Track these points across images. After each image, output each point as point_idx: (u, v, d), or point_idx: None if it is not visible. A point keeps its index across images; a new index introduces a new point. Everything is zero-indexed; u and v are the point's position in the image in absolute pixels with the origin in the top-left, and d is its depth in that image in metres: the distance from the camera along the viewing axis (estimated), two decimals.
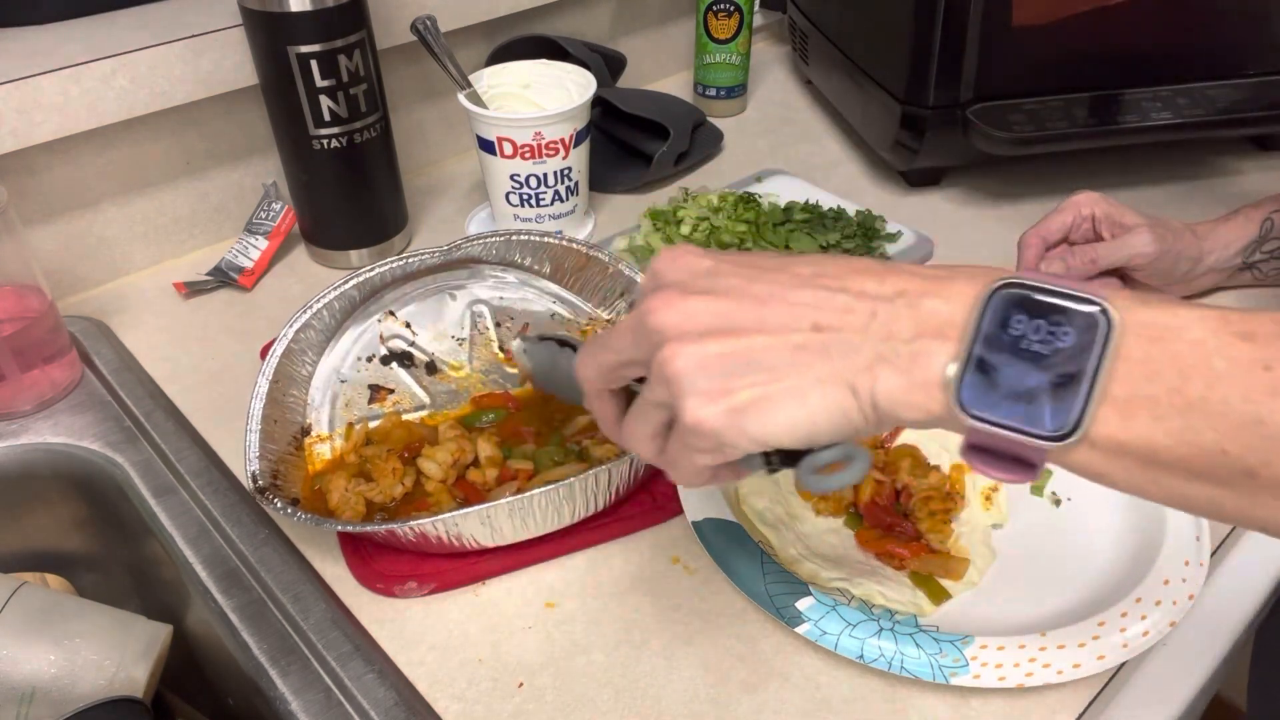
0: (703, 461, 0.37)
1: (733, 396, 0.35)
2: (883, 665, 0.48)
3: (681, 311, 0.36)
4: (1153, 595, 0.49)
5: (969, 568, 0.54)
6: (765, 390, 0.35)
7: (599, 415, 0.43)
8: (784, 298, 0.36)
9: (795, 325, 0.35)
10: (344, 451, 0.62)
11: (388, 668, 0.51)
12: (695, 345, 0.36)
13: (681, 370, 0.35)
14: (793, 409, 0.35)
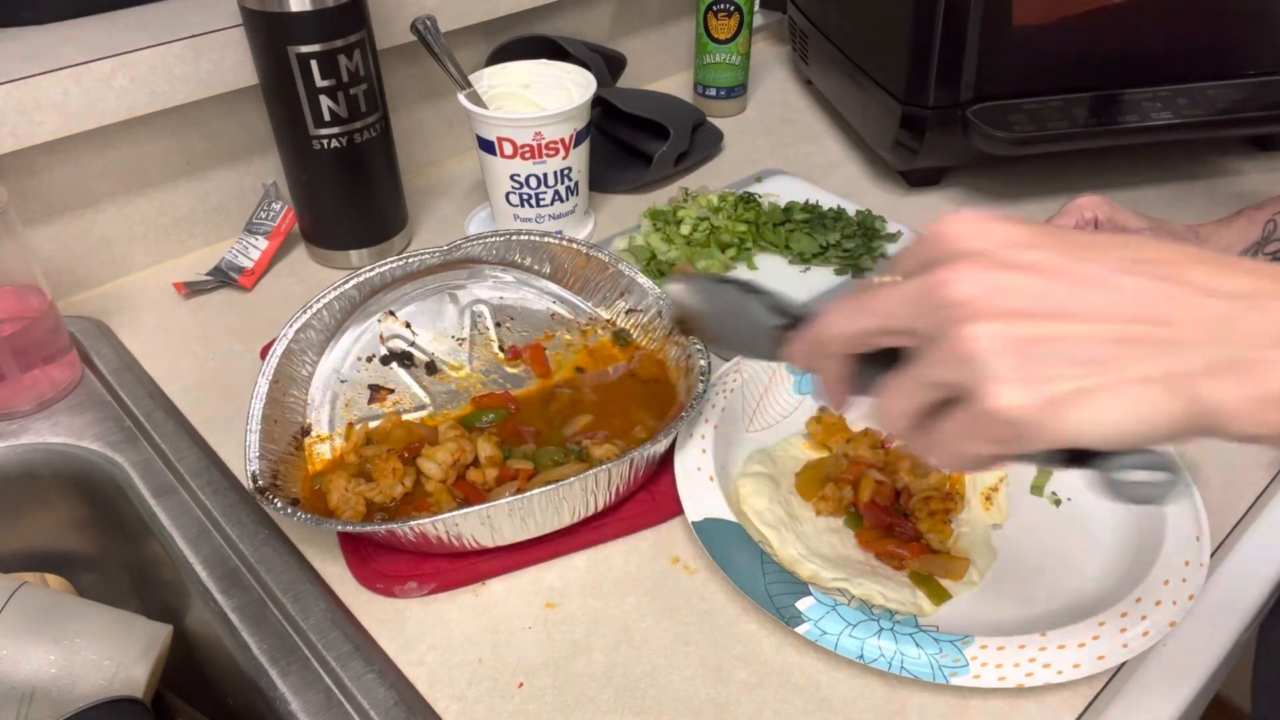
0: (986, 451, 0.34)
1: (1049, 385, 0.31)
2: (883, 665, 0.48)
3: (988, 284, 0.32)
4: (1153, 595, 0.49)
5: (969, 568, 0.54)
6: (1084, 383, 0.31)
7: (824, 375, 0.40)
8: (1109, 281, 0.32)
9: (1121, 314, 0.31)
10: (344, 451, 0.62)
11: (388, 668, 0.51)
12: (1003, 324, 0.32)
13: (986, 351, 0.31)
14: (1114, 407, 0.31)
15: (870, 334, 0.37)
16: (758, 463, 0.61)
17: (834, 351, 0.39)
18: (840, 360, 0.39)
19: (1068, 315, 0.32)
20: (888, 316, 0.36)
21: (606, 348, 0.70)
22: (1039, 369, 0.31)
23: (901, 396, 0.36)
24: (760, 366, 0.65)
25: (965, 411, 0.33)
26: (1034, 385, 0.31)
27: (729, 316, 0.48)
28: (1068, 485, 0.59)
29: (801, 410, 0.66)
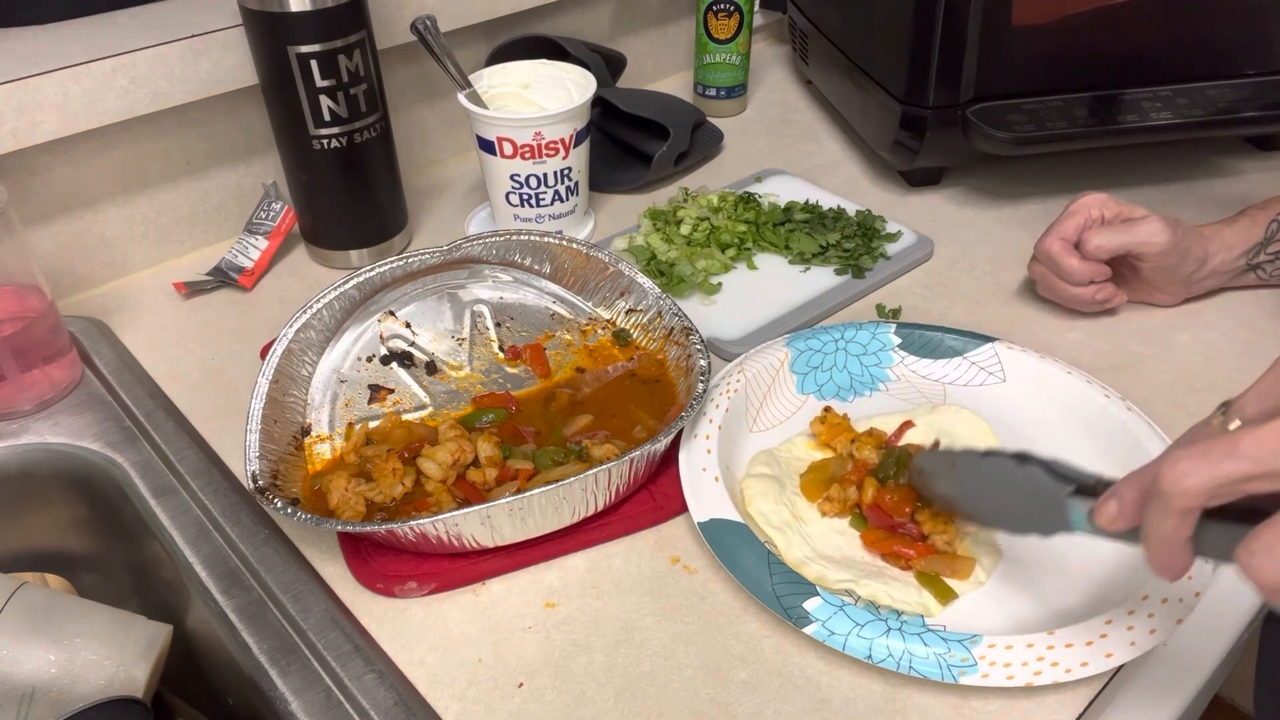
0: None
1: None
2: (891, 665, 0.48)
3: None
4: (1159, 593, 0.49)
5: (975, 567, 0.54)
6: None
7: (1167, 536, 0.37)
8: None
9: None
10: (344, 451, 0.62)
11: (388, 668, 0.51)
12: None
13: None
14: None
15: (1238, 481, 0.34)
16: (762, 464, 0.61)
17: (1184, 508, 0.36)
18: (1188, 520, 0.36)
19: None
20: (1263, 461, 0.33)
21: (606, 348, 0.70)
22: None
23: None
24: (763, 366, 0.65)
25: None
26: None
27: (998, 493, 0.46)
28: None
29: (805, 410, 0.66)
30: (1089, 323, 0.74)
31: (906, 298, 0.78)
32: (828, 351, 0.68)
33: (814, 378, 0.67)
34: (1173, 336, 0.73)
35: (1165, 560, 0.38)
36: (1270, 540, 0.33)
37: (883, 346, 0.69)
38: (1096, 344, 0.72)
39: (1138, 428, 0.59)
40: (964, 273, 0.81)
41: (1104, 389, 0.62)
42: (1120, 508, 0.40)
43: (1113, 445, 0.60)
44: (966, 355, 0.67)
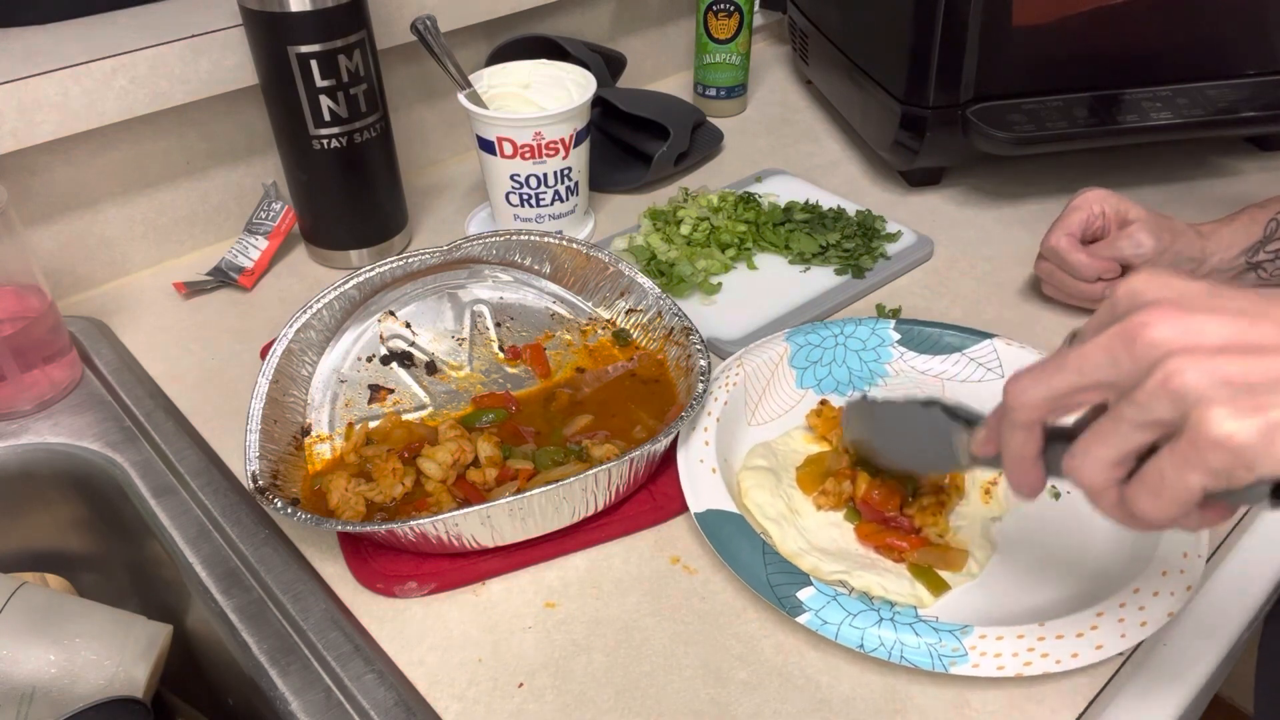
0: (1199, 485, 0.33)
1: (1269, 413, 0.31)
2: (883, 654, 0.48)
3: (1189, 326, 0.33)
4: (1151, 586, 0.49)
5: (968, 559, 0.54)
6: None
7: (1017, 451, 0.40)
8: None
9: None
10: (344, 451, 0.62)
11: (388, 668, 0.51)
12: (1209, 360, 0.32)
13: (1196, 383, 0.32)
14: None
15: (1068, 393, 0.36)
16: (759, 456, 0.61)
17: (1027, 420, 0.38)
18: (1032, 433, 0.39)
19: (1272, 350, 0.32)
20: (1085, 371, 0.35)
21: (606, 348, 0.70)
22: (1255, 398, 0.31)
23: (1102, 443, 0.35)
24: (762, 360, 0.65)
25: (1180, 443, 0.33)
26: (1254, 412, 0.31)
27: (907, 435, 0.49)
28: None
29: (803, 404, 0.66)
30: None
31: (906, 298, 0.78)
32: (827, 346, 0.68)
33: (813, 372, 0.67)
34: None
35: (1019, 476, 0.40)
36: (1088, 444, 0.36)
37: (882, 342, 0.69)
38: None
39: None
40: (964, 273, 0.81)
41: None
42: (987, 433, 0.43)
43: None
44: (965, 351, 0.67)
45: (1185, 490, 0.34)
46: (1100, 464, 0.36)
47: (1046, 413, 0.38)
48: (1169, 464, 0.34)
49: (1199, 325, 0.33)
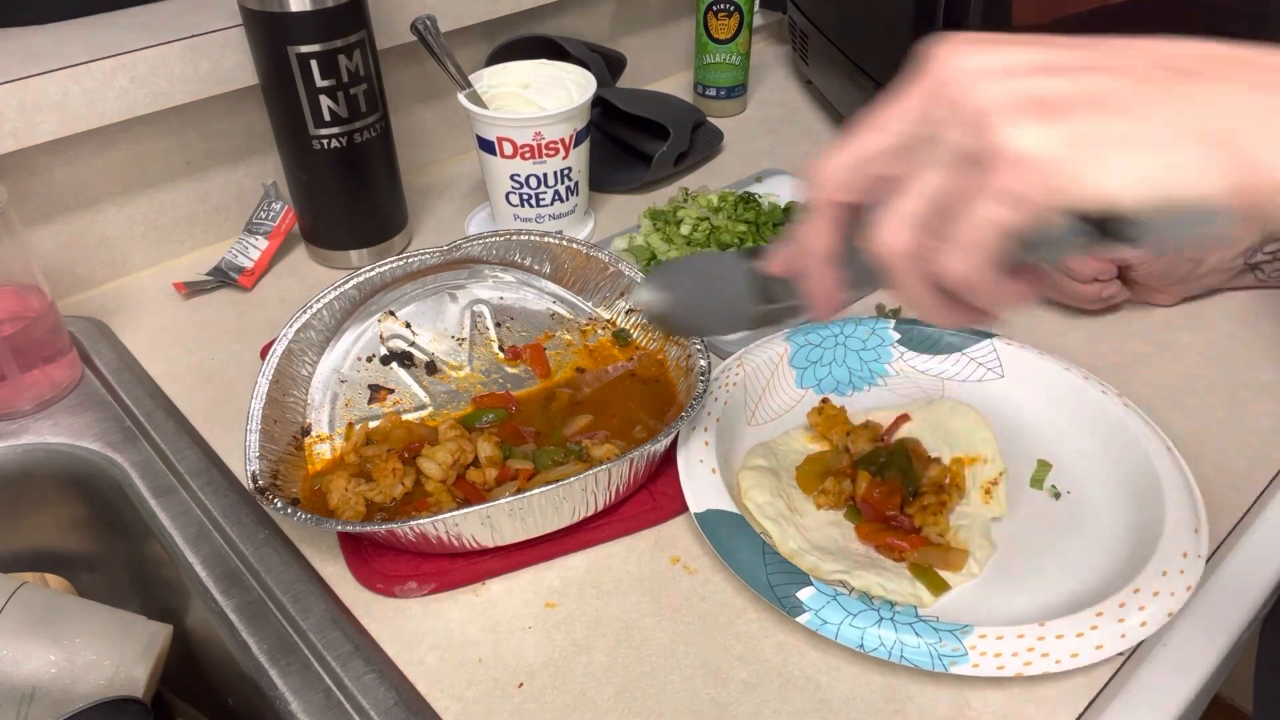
0: (1003, 220, 0.29)
1: (1073, 125, 0.28)
2: (882, 654, 0.48)
3: (986, 53, 0.30)
4: (1150, 586, 0.49)
5: (968, 559, 0.54)
6: (1110, 129, 0.28)
7: (809, 236, 0.36)
8: (1122, 46, 0.30)
9: (1144, 65, 0.29)
10: (344, 451, 0.62)
11: (388, 668, 0.51)
12: (1014, 82, 0.29)
13: (995, 99, 0.29)
14: (1147, 155, 0.27)
15: (870, 157, 0.33)
16: (759, 456, 0.61)
17: (823, 199, 0.35)
18: (825, 218, 0.35)
19: (1084, 68, 0.29)
20: (888, 128, 0.33)
21: (606, 348, 0.70)
22: (1061, 114, 0.28)
23: (907, 191, 0.32)
24: (762, 360, 0.65)
25: (983, 174, 0.29)
26: (1057, 126, 0.28)
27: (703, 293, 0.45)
28: (1067, 479, 0.60)
29: (803, 404, 0.66)
30: (1089, 323, 0.74)
31: None
32: (827, 346, 0.68)
33: (813, 372, 0.67)
34: (1173, 336, 0.73)
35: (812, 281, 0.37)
36: (889, 203, 0.33)
37: (882, 342, 0.69)
38: (1097, 344, 0.72)
39: (1134, 424, 0.59)
40: None
41: (1101, 385, 0.62)
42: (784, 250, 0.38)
43: (1110, 441, 0.60)
44: (965, 351, 0.68)
45: (990, 230, 0.30)
46: (900, 221, 0.32)
47: (846, 187, 0.34)
48: (970, 202, 0.30)
49: (999, 52, 0.30)
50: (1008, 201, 0.29)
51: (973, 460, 0.60)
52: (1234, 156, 0.27)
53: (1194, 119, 0.28)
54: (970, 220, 0.30)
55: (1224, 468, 0.61)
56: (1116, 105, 0.28)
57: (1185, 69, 0.29)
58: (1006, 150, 0.28)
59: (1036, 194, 0.29)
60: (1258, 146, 0.27)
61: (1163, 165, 0.28)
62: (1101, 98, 0.29)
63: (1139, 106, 0.28)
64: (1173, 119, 0.28)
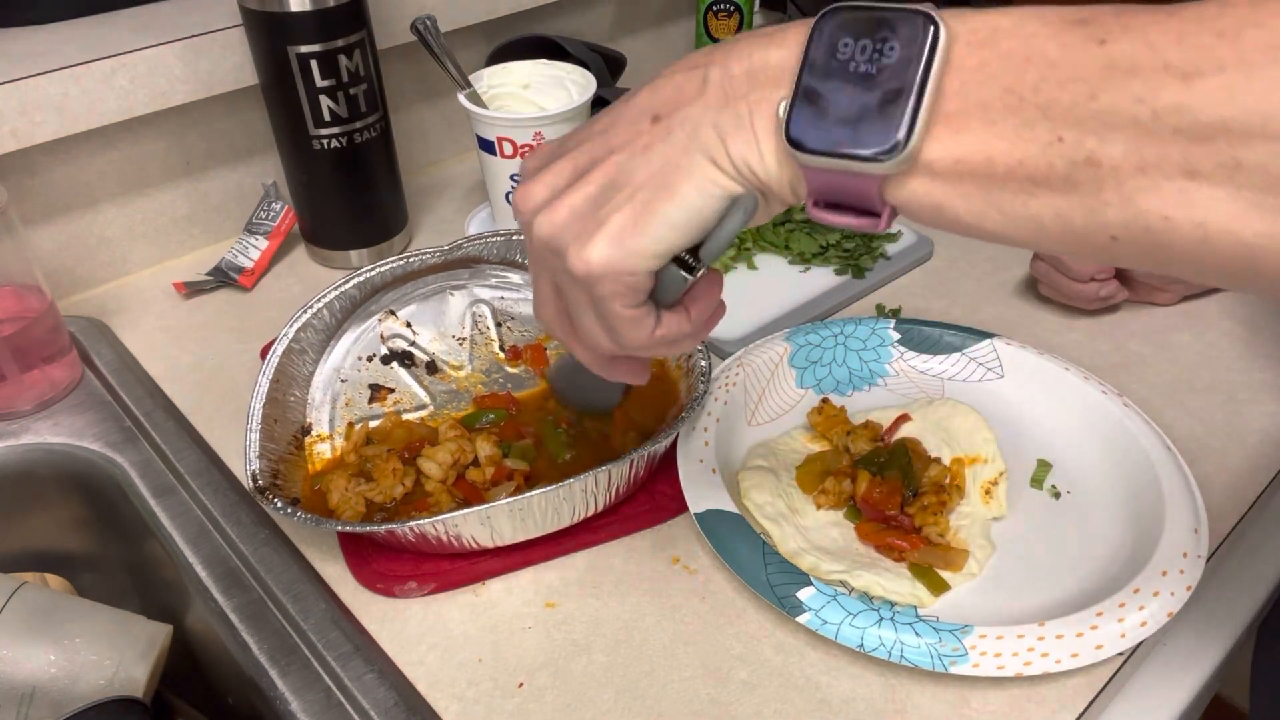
0: (623, 308, 0.36)
1: (607, 225, 0.34)
2: (882, 654, 0.48)
3: (537, 186, 0.36)
4: (1150, 586, 0.49)
5: (968, 559, 0.54)
6: (634, 202, 0.34)
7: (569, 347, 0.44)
8: (623, 113, 0.36)
9: (637, 129, 0.35)
10: (344, 451, 0.62)
11: (388, 668, 0.51)
12: (561, 203, 0.35)
13: (549, 230, 0.35)
14: (668, 206, 0.34)
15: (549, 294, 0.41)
16: (759, 456, 0.61)
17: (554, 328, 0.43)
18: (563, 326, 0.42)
19: (600, 160, 0.35)
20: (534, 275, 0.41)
21: None
22: (594, 217, 0.35)
23: (539, 304, 0.41)
24: (762, 360, 0.66)
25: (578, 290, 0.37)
26: (596, 232, 0.34)
27: (573, 382, 0.53)
28: (1067, 479, 0.60)
29: (803, 403, 0.66)
30: (1089, 322, 0.74)
31: (906, 298, 0.78)
32: (827, 346, 0.68)
33: (813, 372, 0.68)
34: (1173, 336, 0.73)
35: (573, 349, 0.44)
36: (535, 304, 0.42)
37: (882, 342, 0.69)
38: (1097, 343, 0.72)
39: (1135, 424, 0.59)
40: (964, 273, 0.81)
41: (1101, 385, 0.62)
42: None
43: (1110, 441, 0.60)
44: (965, 351, 0.67)
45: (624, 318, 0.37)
46: (550, 322, 0.41)
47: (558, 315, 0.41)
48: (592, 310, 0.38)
49: (545, 180, 0.37)
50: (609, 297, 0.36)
51: (973, 460, 0.60)
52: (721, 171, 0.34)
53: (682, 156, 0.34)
54: (600, 322, 0.38)
55: (1224, 468, 0.61)
56: (627, 182, 0.34)
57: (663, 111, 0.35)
58: (582, 273, 0.35)
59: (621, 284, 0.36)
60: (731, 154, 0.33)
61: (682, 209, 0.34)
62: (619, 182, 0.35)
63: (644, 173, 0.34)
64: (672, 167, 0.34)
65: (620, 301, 0.36)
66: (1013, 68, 0.29)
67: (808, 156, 0.32)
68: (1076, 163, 0.28)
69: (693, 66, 0.34)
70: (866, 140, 0.31)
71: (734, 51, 0.34)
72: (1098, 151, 0.28)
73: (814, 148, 0.31)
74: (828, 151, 0.31)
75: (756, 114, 0.33)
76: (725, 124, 0.33)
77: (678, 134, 0.34)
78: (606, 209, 0.34)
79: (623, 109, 0.36)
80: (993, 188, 0.30)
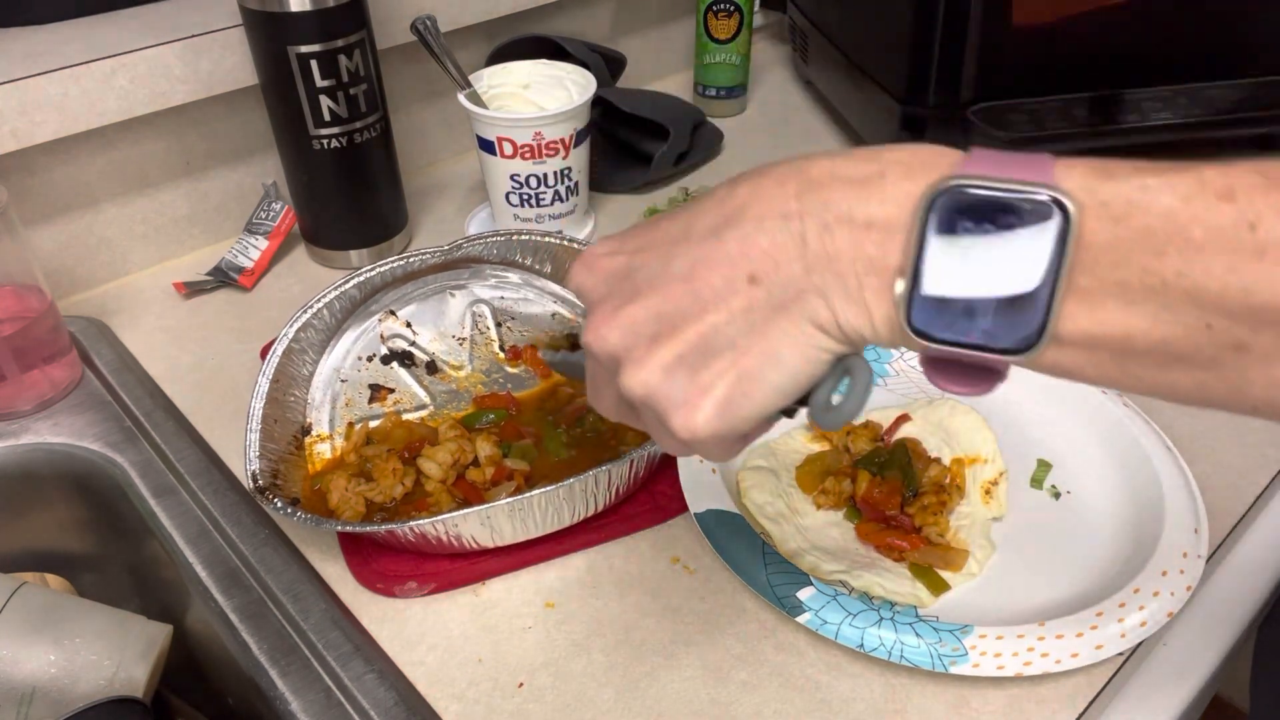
0: (723, 451, 0.36)
1: (712, 393, 0.33)
2: (882, 654, 0.48)
3: (619, 329, 0.34)
4: (1150, 586, 0.49)
5: (968, 559, 0.54)
6: (739, 370, 0.32)
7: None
8: (707, 262, 0.33)
9: (733, 288, 0.32)
10: (344, 451, 0.62)
11: (388, 668, 0.51)
12: (650, 358, 0.33)
13: (650, 391, 0.34)
14: (774, 374, 0.32)
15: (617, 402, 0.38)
16: (759, 456, 0.61)
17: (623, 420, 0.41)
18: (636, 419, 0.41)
19: (691, 316, 0.33)
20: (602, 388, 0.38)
21: None
22: (695, 381, 0.33)
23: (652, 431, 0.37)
24: None
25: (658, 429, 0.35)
26: (700, 399, 0.33)
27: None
28: (1067, 479, 0.60)
29: None
30: None
31: None
32: None
33: None
34: None
35: None
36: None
37: None
38: None
39: (1135, 424, 0.59)
40: None
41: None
42: None
43: (1110, 441, 0.60)
44: None
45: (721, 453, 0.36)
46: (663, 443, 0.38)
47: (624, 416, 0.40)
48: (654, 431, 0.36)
49: (627, 323, 0.34)
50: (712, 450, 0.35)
51: (973, 460, 0.60)
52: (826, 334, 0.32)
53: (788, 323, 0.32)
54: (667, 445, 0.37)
55: (1224, 468, 0.61)
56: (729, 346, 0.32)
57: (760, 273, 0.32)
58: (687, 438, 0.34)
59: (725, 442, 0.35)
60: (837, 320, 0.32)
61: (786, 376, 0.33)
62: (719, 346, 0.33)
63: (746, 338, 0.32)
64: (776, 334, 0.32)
65: (720, 449, 0.35)
66: (1152, 247, 0.27)
67: (931, 345, 0.30)
68: (1224, 347, 0.27)
69: (784, 215, 0.31)
70: (997, 335, 0.29)
71: (829, 201, 0.31)
72: (1248, 340, 0.27)
73: (940, 339, 0.30)
74: (954, 343, 0.30)
75: (868, 288, 0.31)
76: (833, 295, 0.31)
77: (778, 298, 0.31)
78: (707, 375, 0.33)
79: (708, 250, 0.33)
80: (1129, 360, 0.29)
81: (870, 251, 0.30)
